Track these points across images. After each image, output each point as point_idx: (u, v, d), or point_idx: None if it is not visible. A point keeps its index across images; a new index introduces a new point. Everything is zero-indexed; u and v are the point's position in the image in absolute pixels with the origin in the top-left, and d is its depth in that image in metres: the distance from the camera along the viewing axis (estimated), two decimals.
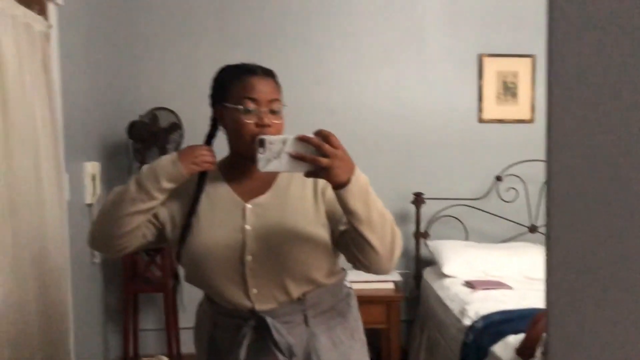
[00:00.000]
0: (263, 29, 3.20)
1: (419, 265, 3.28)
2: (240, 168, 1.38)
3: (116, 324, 3.15)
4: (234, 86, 1.34)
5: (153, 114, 2.84)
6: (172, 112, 2.92)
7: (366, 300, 2.85)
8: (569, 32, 0.47)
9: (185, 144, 2.99)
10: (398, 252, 1.28)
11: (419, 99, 3.29)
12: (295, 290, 1.34)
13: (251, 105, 1.31)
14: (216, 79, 1.42)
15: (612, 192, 0.47)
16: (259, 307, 1.32)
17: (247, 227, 1.31)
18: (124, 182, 3.13)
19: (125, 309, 2.89)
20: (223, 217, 1.34)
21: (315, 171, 1.14)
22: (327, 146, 1.12)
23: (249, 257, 1.30)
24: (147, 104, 2.99)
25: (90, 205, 2.79)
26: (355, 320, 1.47)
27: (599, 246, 0.48)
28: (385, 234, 1.24)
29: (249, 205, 1.34)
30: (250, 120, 1.30)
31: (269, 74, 1.37)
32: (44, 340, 2.05)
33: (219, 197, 1.37)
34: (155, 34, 3.15)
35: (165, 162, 1.31)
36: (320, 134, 1.14)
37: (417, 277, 3.28)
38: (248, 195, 1.36)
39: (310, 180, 1.34)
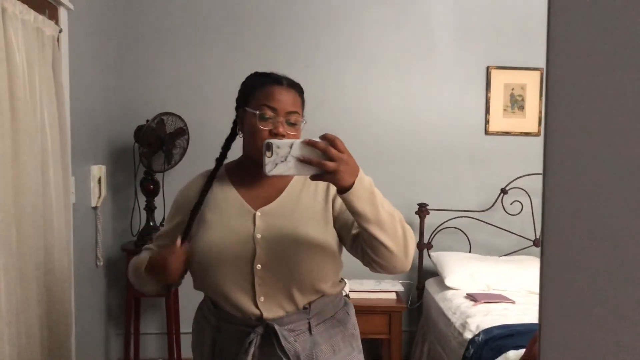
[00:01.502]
0: (272, 38, 3.22)
1: (422, 276, 3.27)
2: (251, 173, 1.40)
3: (118, 327, 3.16)
4: (257, 92, 1.38)
5: (160, 119, 2.85)
6: (178, 117, 2.93)
7: (368, 310, 2.85)
8: (568, 48, 0.48)
9: (190, 148, 3.01)
10: (412, 248, 1.29)
11: (426, 109, 3.29)
12: (302, 300, 1.36)
13: (269, 113, 1.34)
14: (243, 83, 1.45)
15: (608, 207, 0.47)
16: (267, 315, 1.34)
17: (258, 235, 1.33)
18: (129, 185, 3.14)
19: (127, 312, 2.90)
20: (233, 224, 1.36)
21: (321, 174, 1.16)
22: (332, 150, 1.14)
23: (258, 266, 1.32)
24: (154, 108, 3.01)
25: (95, 208, 2.80)
26: (354, 329, 1.49)
27: (593, 262, 0.48)
28: (397, 231, 1.25)
29: (258, 213, 1.36)
30: (265, 127, 1.33)
31: (294, 86, 1.41)
32: (46, 341, 2.06)
33: (227, 202, 1.40)
34: (164, 40, 3.17)
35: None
36: (326, 138, 1.16)
37: (420, 288, 3.27)
38: (257, 202, 1.38)
39: (321, 188, 1.39)
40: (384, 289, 2.97)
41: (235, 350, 1.36)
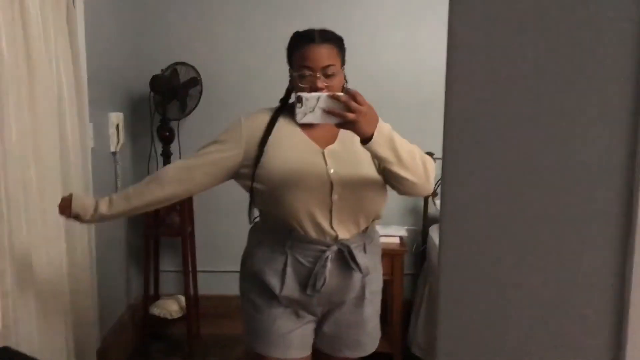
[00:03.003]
0: None
1: (427, 222, 3.39)
2: None
3: (138, 265, 3.39)
4: (295, 55, 1.60)
5: (173, 69, 2.98)
6: (191, 67, 3.04)
7: None
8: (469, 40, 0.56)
9: (204, 98, 3.14)
10: (432, 174, 1.55)
11: (434, 59, 3.32)
12: (363, 225, 1.65)
13: (306, 72, 1.56)
14: (287, 46, 1.66)
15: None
16: (341, 235, 1.59)
17: (331, 170, 1.57)
18: (146, 132, 3.29)
19: (146, 251, 3.10)
20: (307, 158, 1.60)
21: (344, 123, 1.38)
22: (353, 103, 1.36)
23: (335, 196, 1.56)
24: (168, 58, 3.12)
25: (114, 154, 2.98)
26: (380, 253, 1.81)
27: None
28: (417, 167, 1.51)
29: (326, 152, 1.60)
30: (305, 85, 1.56)
31: (328, 40, 1.59)
32: (69, 278, 2.26)
33: (295, 137, 1.63)
34: None
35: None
36: (348, 92, 1.38)
37: (425, 234, 3.39)
38: (320, 142, 1.62)
39: None
40: (388, 234, 3.10)
41: (311, 265, 1.60)
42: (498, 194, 0.56)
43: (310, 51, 1.56)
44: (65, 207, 1.68)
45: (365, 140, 1.41)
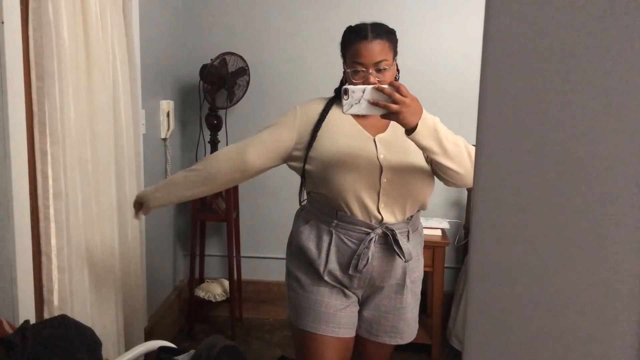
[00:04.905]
0: None
1: (470, 215, 3.37)
2: None
3: (184, 248, 3.50)
4: (348, 51, 1.65)
5: (222, 58, 3.05)
6: (240, 57, 3.11)
7: None
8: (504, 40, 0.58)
9: (251, 87, 3.20)
10: None
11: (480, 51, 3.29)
12: (409, 212, 1.70)
13: (359, 68, 1.61)
14: (340, 42, 1.71)
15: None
16: (386, 219, 1.64)
17: (381, 156, 1.62)
18: (195, 120, 3.39)
19: (192, 235, 3.20)
20: (358, 143, 1.65)
21: (388, 115, 1.43)
22: (397, 95, 1.40)
23: (384, 180, 1.61)
24: (218, 48, 3.21)
25: (164, 140, 3.08)
26: (422, 244, 1.84)
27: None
28: (462, 157, 1.55)
29: (377, 139, 1.66)
30: (358, 80, 1.61)
31: (379, 36, 1.63)
32: (120, 257, 2.37)
33: (347, 124, 1.69)
34: None
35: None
36: (392, 84, 1.42)
37: (467, 227, 3.38)
38: (371, 130, 1.68)
39: None
40: (430, 226, 3.10)
41: (354, 246, 1.65)
42: (531, 189, 0.55)
43: (363, 48, 1.59)
44: (139, 207, 1.87)
45: (410, 131, 1.46)
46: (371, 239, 1.63)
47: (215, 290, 3.25)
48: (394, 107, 1.40)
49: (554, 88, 0.53)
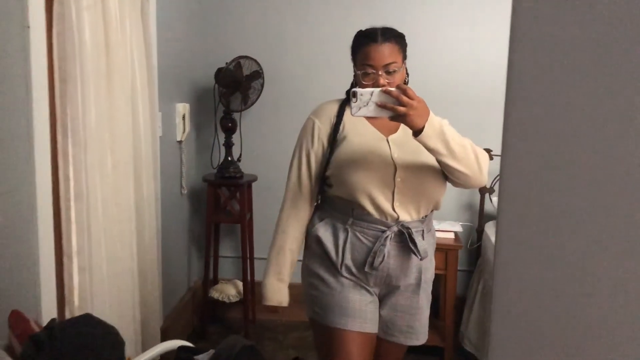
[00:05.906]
0: None
1: (482, 219, 3.38)
2: None
3: (199, 250, 3.53)
4: (358, 54, 1.68)
5: (237, 62, 3.08)
6: (254, 60, 3.14)
7: None
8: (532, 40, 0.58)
9: (265, 90, 3.23)
10: (485, 166, 1.63)
11: (494, 55, 3.30)
12: (423, 211, 1.72)
13: (369, 70, 1.65)
14: (351, 45, 1.74)
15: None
16: (401, 217, 1.67)
17: (395, 155, 1.66)
18: (210, 122, 3.42)
19: (207, 236, 3.23)
20: (372, 143, 1.68)
21: (395, 117, 1.46)
22: (404, 97, 1.44)
23: (399, 179, 1.64)
24: (233, 52, 3.24)
25: (180, 142, 3.12)
26: (434, 245, 1.85)
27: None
28: (469, 159, 1.58)
29: (390, 139, 1.69)
30: (368, 82, 1.65)
31: (389, 39, 1.66)
32: (137, 258, 2.39)
33: (361, 125, 1.72)
34: None
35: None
36: (399, 87, 1.46)
37: (480, 231, 3.39)
38: (384, 131, 1.71)
39: None
40: (443, 229, 3.12)
41: (370, 244, 1.68)
42: (557, 192, 0.54)
43: (373, 50, 1.63)
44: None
45: (417, 133, 1.50)
46: (387, 237, 1.66)
47: (229, 291, 3.28)
48: (401, 109, 1.44)
49: (583, 90, 0.52)
